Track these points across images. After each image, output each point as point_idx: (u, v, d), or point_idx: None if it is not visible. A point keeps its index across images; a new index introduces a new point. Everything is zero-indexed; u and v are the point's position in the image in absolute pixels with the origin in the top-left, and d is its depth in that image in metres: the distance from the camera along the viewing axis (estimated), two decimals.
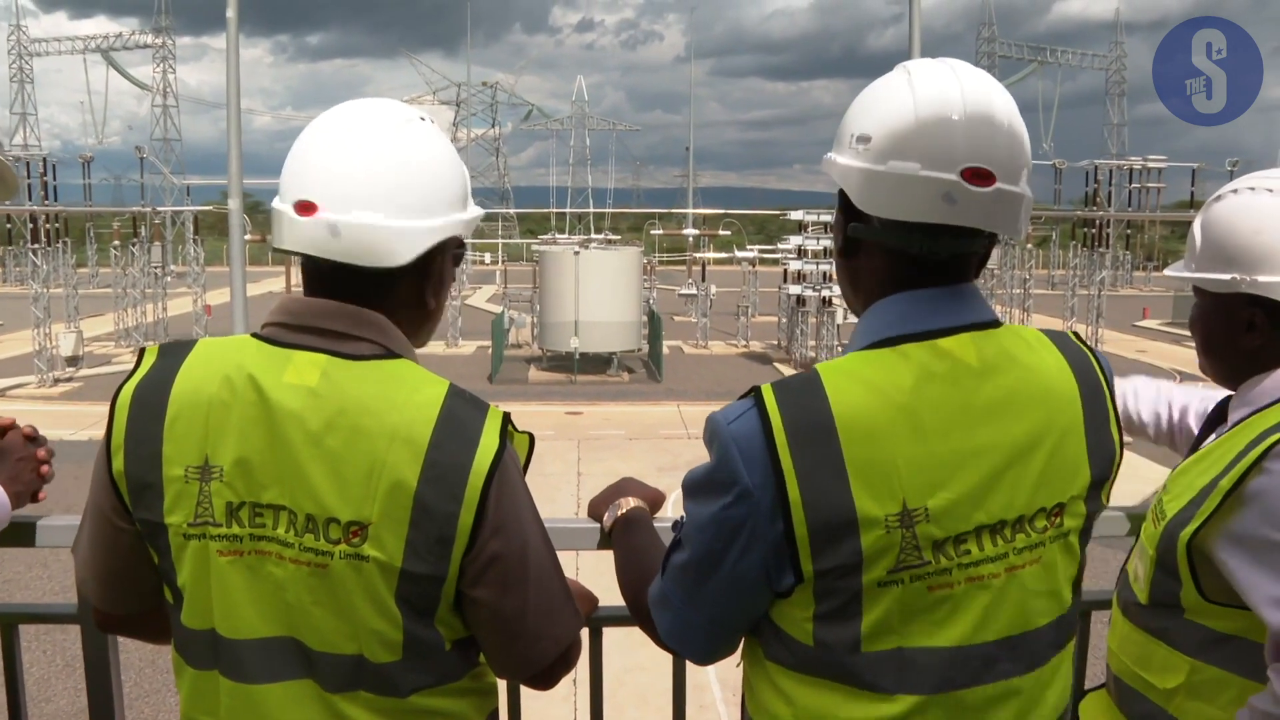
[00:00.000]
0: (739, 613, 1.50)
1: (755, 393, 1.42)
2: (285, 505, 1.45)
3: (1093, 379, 1.53)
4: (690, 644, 1.55)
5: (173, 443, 1.48)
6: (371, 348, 1.51)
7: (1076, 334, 1.61)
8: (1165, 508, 1.81)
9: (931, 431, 1.38)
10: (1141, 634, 1.88)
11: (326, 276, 1.52)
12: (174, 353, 1.55)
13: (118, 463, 1.51)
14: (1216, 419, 1.97)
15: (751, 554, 1.41)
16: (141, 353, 1.56)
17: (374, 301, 1.52)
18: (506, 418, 1.52)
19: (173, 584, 1.54)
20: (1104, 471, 1.52)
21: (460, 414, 1.48)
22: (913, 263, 1.45)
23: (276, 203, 1.52)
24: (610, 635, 2.09)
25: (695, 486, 1.48)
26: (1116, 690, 1.99)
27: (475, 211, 1.63)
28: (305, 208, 1.47)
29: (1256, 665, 1.62)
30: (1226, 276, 1.80)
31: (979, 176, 1.38)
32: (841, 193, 1.50)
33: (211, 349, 1.55)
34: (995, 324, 1.48)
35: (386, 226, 1.47)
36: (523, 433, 1.57)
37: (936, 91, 1.41)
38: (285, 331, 1.52)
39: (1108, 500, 1.58)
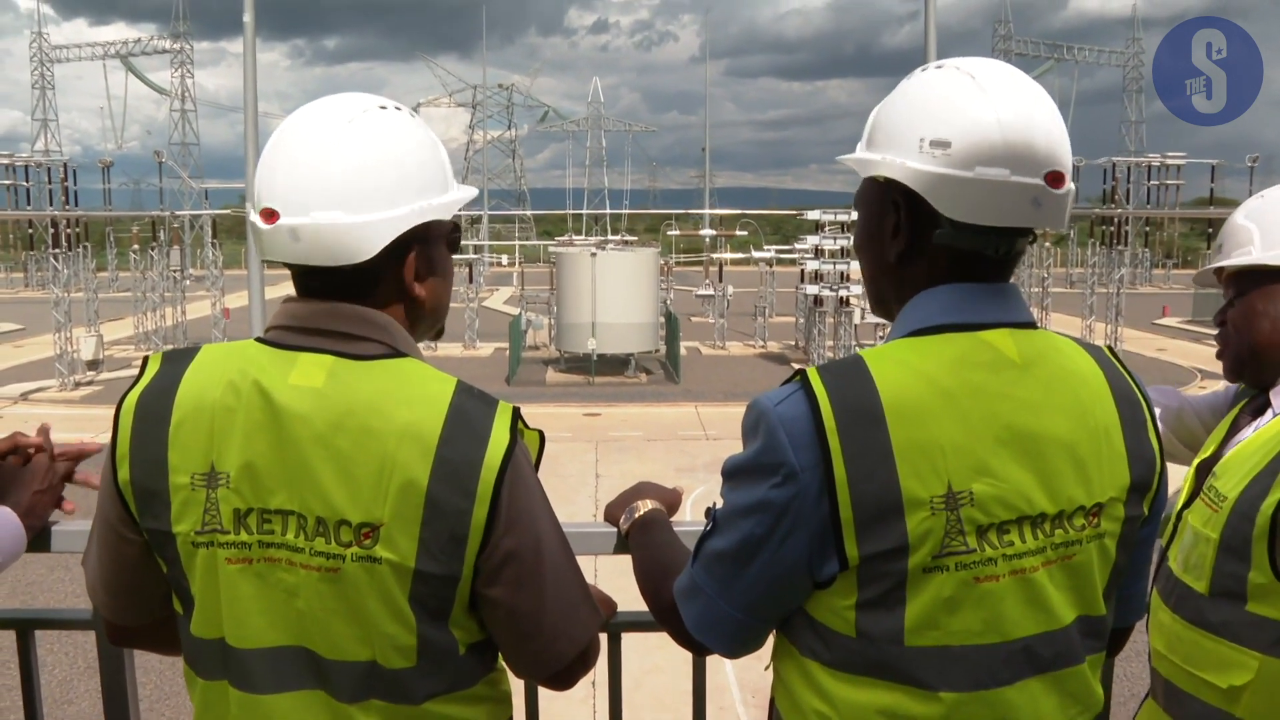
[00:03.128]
0: (775, 603, 1.47)
1: (801, 375, 1.41)
2: (294, 510, 1.43)
3: (1126, 387, 1.52)
4: (720, 635, 1.50)
5: (178, 450, 1.46)
6: (377, 347, 1.49)
7: (1111, 349, 1.60)
8: (1223, 491, 1.77)
9: (974, 417, 1.38)
10: (1196, 631, 1.81)
11: (309, 279, 1.50)
12: (178, 359, 1.52)
13: (123, 472, 1.48)
14: (1256, 411, 1.96)
15: (794, 540, 1.39)
16: (145, 361, 1.55)
17: (360, 299, 1.50)
18: (516, 413, 1.50)
19: (183, 593, 1.52)
20: (1144, 477, 1.50)
21: (469, 410, 1.46)
22: (975, 262, 1.46)
23: (249, 213, 1.50)
24: (628, 638, 2.07)
25: (738, 470, 1.45)
26: (1165, 695, 1.90)
27: (458, 194, 1.59)
28: (268, 215, 1.45)
29: None
30: None
31: (1058, 179, 1.41)
32: (898, 195, 1.47)
33: (215, 354, 1.52)
34: (1032, 325, 1.49)
35: (346, 223, 1.43)
36: (533, 430, 1.55)
37: (1012, 97, 1.42)
38: (289, 335, 1.50)
39: (1149, 513, 1.54)
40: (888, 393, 1.37)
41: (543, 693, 2.03)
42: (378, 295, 1.51)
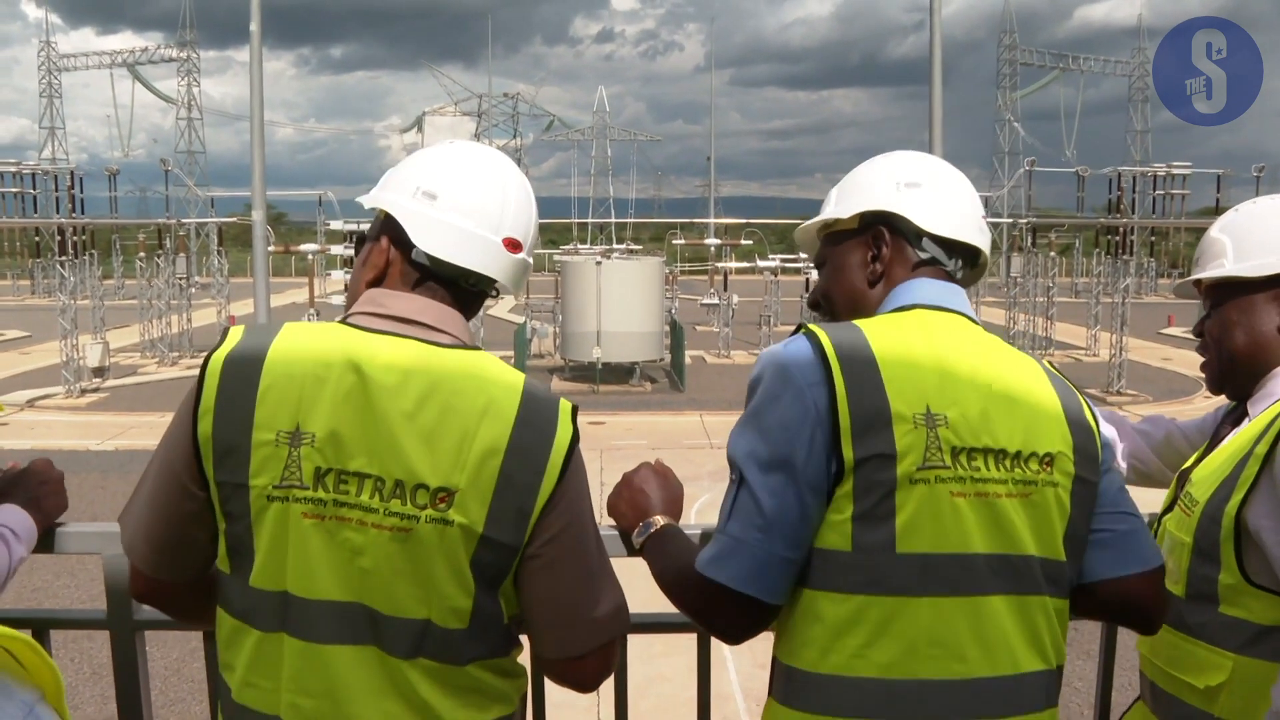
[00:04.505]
0: (812, 527, 1.62)
1: (802, 327, 1.70)
2: (372, 473, 1.55)
3: (1062, 381, 1.77)
4: (774, 580, 1.63)
5: (265, 408, 1.56)
6: (453, 339, 1.66)
7: (1051, 364, 1.85)
8: (1195, 496, 1.84)
9: (944, 364, 1.65)
10: (1175, 635, 1.89)
11: (437, 282, 1.69)
12: (263, 331, 1.64)
13: (205, 425, 1.56)
14: (1235, 420, 2.00)
15: (816, 448, 1.60)
16: (225, 330, 1.64)
17: (463, 310, 1.72)
18: (575, 409, 1.66)
19: (242, 548, 1.59)
20: (1087, 444, 1.71)
21: (540, 398, 1.63)
22: (932, 264, 1.83)
23: (464, 221, 1.69)
24: (633, 644, 2.09)
25: (751, 414, 1.67)
26: (1152, 697, 1.99)
27: None
28: (514, 245, 1.73)
29: None
30: (1274, 259, 1.93)
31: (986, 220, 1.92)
32: (880, 226, 1.84)
33: (301, 330, 1.65)
34: (975, 322, 1.79)
35: (529, 263, 1.78)
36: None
37: (956, 174, 1.92)
38: (376, 320, 1.65)
39: (1101, 481, 1.72)
40: (875, 337, 1.66)
41: (552, 701, 2.05)
42: (471, 310, 1.74)
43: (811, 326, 1.69)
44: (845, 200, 1.89)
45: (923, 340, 1.68)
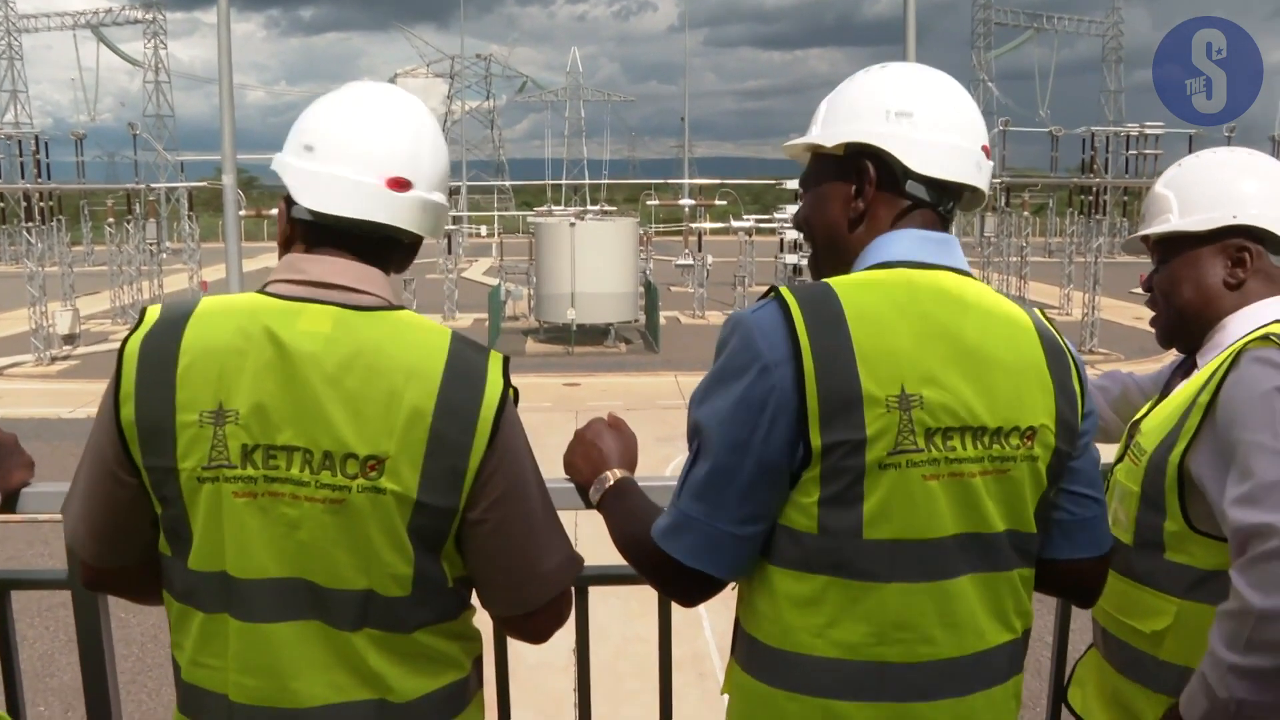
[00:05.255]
0: (765, 508, 1.57)
1: (773, 290, 1.60)
2: (300, 445, 1.52)
3: (1052, 337, 1.69)
4: (720, 555, 1.59)
5: (186, 389, 1.53)
6: (376, 300, 1.60)
7: (1043, 312, 1.75)
8: (1144, 445, 1.87)
9: (924, 334, 1.56)
10: (1124, 582, 1.93)
11: (339, 238, 1.61)
12: (180, 308, 1.60)
13: (126, 411, 1.54)
14: (1186, 371, 2.03)
15: (776, 432, 1.53)
16: (143, 310, 1.61)
17: (378, 263, 1.64)
18: (506, 361, 1.63)
19: (180, 531, 1.57)
20: (1069, 415, 1.65)
21: (467, 355, 1.59)
22: (923, 216, 1.69)
23: (341, 169, 1.59)
24: (610, 606, 2.11)
25: (711, 383, 1.60)
26: (1103, 642, 2.04)
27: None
28: (399, 184, 1.60)
29: None
30: (1218, 213, 1.95)
31: (987, 151, 1.73)
32: (865, 160, 1.68)
33: (218, 304, 1.62)
34: (969, 274, 1.68)
35: (444, 205, 1.68)
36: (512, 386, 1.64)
37: (948, 83, 1.74)
38: (293, 287, 1.59)
39: (1078, 452, 1.69)
40: (850, 305, 1.55)
41: (527, 663, 2.07)
42: (390, 263, 1.66)
43: (783, 291, 1.58)
44: (832, 123, 1.73)
45: (902, 308, 1.57)
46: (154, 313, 1.60)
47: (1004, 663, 1.65)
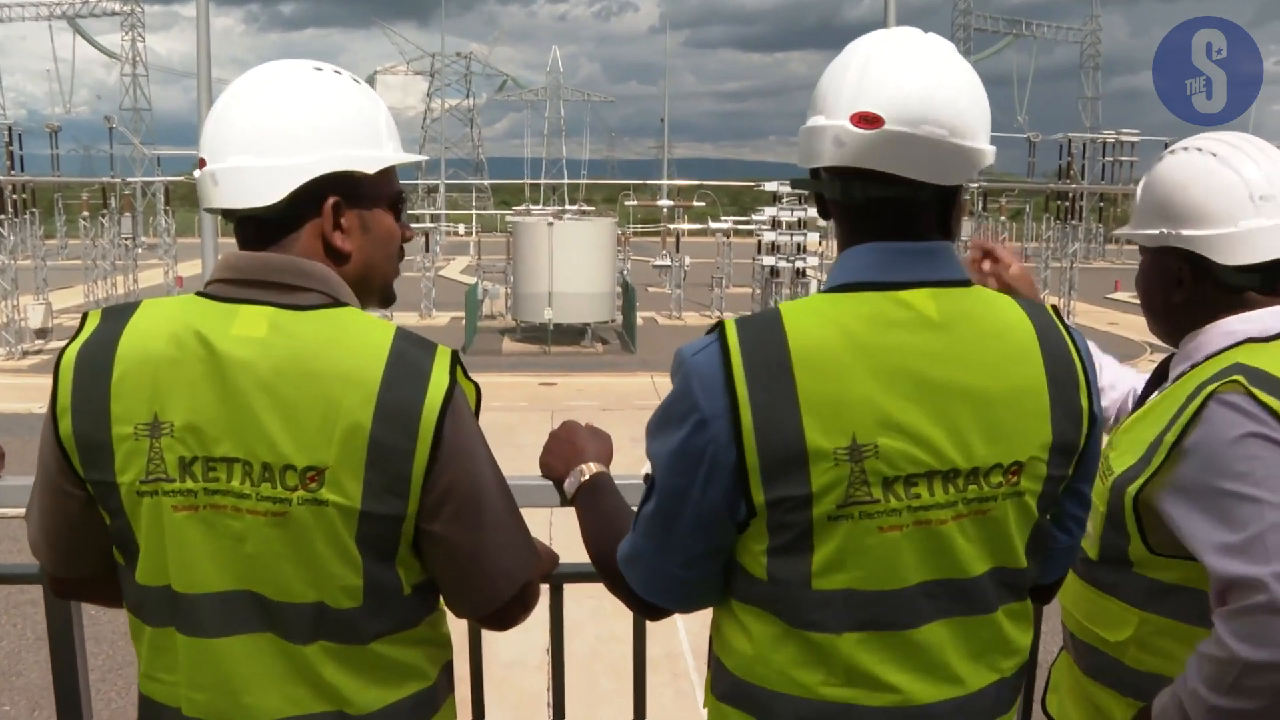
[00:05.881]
0: (708, 555, 1.52)
1: (719, 326, 1.47)
2: (239, 457, 1.46)
3: (1060, 346, 1.53)
4: (669, 593, 1.58)
5: (121, 401, 1.48)
6: (316, 297, 1.52)
7: (1055, 308, 1.61)
8: (1112, 464, 1.86)
9: (885, 371, 1.42)
10: (1092, 590, 1.94)
11: (242, 229, 1.56)
12: (117, 314, 1.55)
13: (64, 425, 1.50)
14: (1159, 377, 2.03)
15: (714, 486, 1.45)
16: (84, 317, 1.56)
17: (285, 248, 1.54)
18: (455, 356, 1.54)
19: (127, 543, 1.54)
20: (1069, 437, 1.52)
21: (409, 354, 1.50)
22: (855, 214, 1.52)
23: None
24: (585, 605, 2.08)
25: (656, 424, 1.53)
26: (1073, 647, 2.06)
27: (388, 153, 1.61)
28: (200, 164, 1.53)
29: (1203, 613, 1.66)
30: (1156, 231, 1.89)
31: (865, 120, 1.44)
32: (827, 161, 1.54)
33: (156, 308, 1.55)
34: (964, 283, 1.52)
35: (253, 167, 1.49)
36: (470, 381, 1.58)
37: (848, 50, 1.52)
38: (230, 287, 1.52)
39: (1074, 473, 1.57)
40: (798, 344, 1.42)
41: (502, 661, 2.06)
42: (301, 245, 1.54)
43: (727, 328, 1.45)
44: (810, 109, 1.55)
45: (858, 344, 1.42)
46: (93, 319, 1.55)
47: (989, 705, 1.57)
